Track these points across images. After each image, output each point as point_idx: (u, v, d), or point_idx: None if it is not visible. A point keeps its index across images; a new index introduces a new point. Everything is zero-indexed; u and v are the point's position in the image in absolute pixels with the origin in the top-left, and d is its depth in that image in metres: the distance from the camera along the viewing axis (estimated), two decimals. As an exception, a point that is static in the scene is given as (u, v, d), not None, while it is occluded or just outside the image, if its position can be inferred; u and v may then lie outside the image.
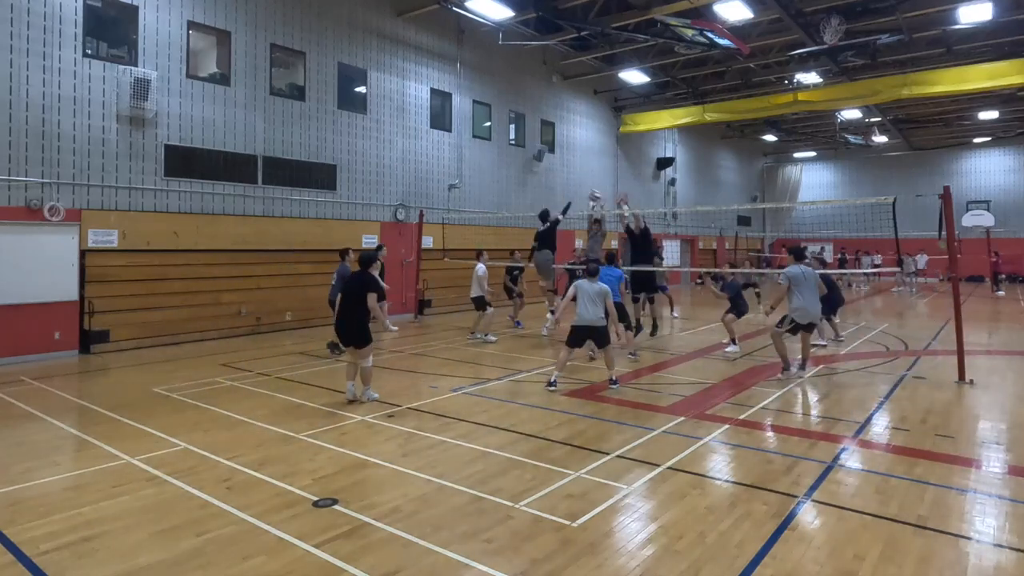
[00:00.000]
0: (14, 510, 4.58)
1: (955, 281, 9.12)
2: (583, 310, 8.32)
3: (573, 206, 14.10)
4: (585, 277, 8.60)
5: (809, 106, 21.93)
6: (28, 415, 7.16)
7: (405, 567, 3.77)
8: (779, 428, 6.65)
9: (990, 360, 10.36)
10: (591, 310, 8.27)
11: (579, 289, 8.42)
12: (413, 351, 11.47)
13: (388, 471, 5.34)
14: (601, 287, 8.40)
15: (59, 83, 10.78)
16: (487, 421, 6.86)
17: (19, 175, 10.42)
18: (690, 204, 29.75)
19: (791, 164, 39.01)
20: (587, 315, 8.29)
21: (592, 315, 8.27)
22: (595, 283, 8.44)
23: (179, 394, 8.12)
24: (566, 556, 3.89)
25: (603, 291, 8.35)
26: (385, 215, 16.38)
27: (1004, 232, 30.90)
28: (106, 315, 11.40)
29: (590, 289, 8.35)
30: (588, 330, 8.37)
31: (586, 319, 8.29)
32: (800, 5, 15.87)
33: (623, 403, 7.61)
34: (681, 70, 22.64)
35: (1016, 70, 17.11)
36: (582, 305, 8.34)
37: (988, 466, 5.55)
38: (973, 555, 3.93)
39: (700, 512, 4.53)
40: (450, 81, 18.11)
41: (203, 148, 12.70)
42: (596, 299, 8.31)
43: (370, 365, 7.64)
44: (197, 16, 12.56)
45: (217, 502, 4.69)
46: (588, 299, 8.31)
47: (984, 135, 32.15)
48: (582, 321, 8.33)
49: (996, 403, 7.82)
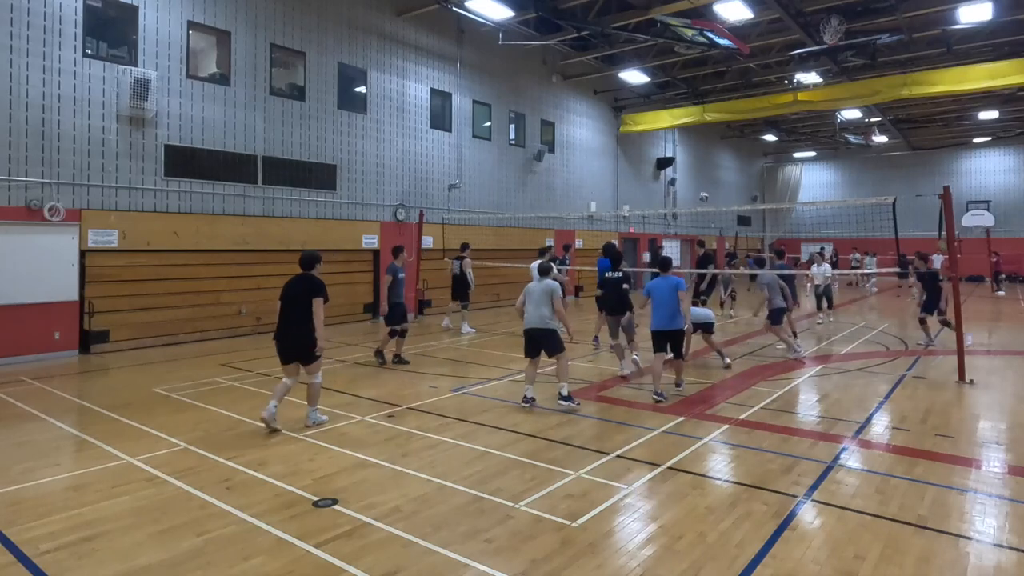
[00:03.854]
0: (14, 510, 4.58)
1: (955, 281, 9.12)
2: (528, 314, 7.42)
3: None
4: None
5: (809, 106, 21.93)
6: (28, 415, 7.16)
7: (405, 567, 3.77)
8: (779, 428, 6.65)
9: (990, 360, 10.35)
10: (535, 313, 7.34)
11: (526, 291, 7.52)
12: (413, 351, 11.47)
13: (388, 471, 5.34)
14: (548, 285, 7.37)
15: (59, 83, 10.78)
16: (487, 421, 6.85)
17: (19, 175, 10.42)
18: (690, 204, 29.77)
19: (791, 164, 39.02)
20: (532, 319, 7.37)
21: (536, 318, 7.33)
22: (543, 281, 7.47)
23: (179, 394, 8.12)
24: (566, 556, 3.89)
25: (549, 289, 7.31)
26: (385, 215, 16.38)
27: (1004, 232, 30.90)
28: (106, 315, 11.41)
29: (536, 289, 7.42)
30: (535, 336, 7.37)
31: (531, 323, 7.38)
32: (800, 5, 15.87)
33: (623, 403, 7.61)
34: (681, 70, 22.64)
35: (1016, 70, 17.11)
36: (528, 308, 7.43)
37: (988, 466, 5.54)
38: (973, 555, 3.93)
39: (700, 512, 4.53)
40: (450, 81, 18.10)
41: (203, 148, 12.70)
42: (542, 300, 7.33)
43: (319, 382, 6.68)
44: (197, 16, 12.56)
45: (217, 502, 4.69)
46: (533, 301, 7.39)
47: (984, 135, 32.15)
48: (528, 325, 7.42)
49: (996, 403, 7.82)
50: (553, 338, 7.33)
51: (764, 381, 8.86)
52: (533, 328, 7.37)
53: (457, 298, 13.95)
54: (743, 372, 9.49)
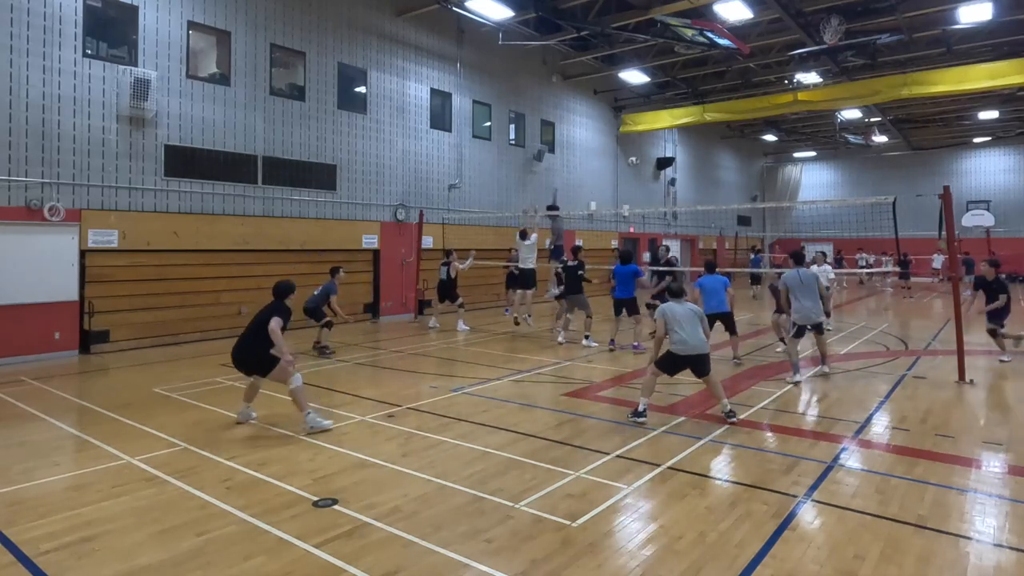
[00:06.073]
0: (14, 510, 4.58)
1: (955, 281, 9.13)
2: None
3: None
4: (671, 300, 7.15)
5: (809, 106, 21.94)
6: (28, 415, 7.16)
7: (405, 567, 3.77)
8: (779, 428, 6.65)
9: (990, 360, 10.35)
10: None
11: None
12: (413, 351, 11.48)
13: (388, 471, 5.34)
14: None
15: (59, 83, 10.78)
16: (487, 421, 6.85)
17: (19, 175, 10.42)
18: (690, 204, 29.77)
19: (791, 164, 39.01)
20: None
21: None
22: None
23: (179, 394, 8.12)
24: (566, 556, 3.89)
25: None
26: (385, 215, 16.38)
27: (1004, 232, 30.91)
28: (106, 315, 11.41)
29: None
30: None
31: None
32: (800, 5, 15.87)
33: (623, 403, 7.60)
34: (681, 70, 22.64)
35: (1016, 70, 17.11)
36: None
37: (988, 466, 5.54)
38: (973, 555, 3.93)
39: (700, 512, 4.53)
40: (450, 81, 18.10)
41: (203, 148, 12.69)
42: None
43: (297, 385, 6.39)
44: (197, 16, 12.55)
45: (217, 502, 4.69)
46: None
47: (984, 135, 32.15)
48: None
49: (996, 403, 7.82)
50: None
51: (764, 381, 8.86)
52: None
53: (445, 300, 14.32)
54: (743, 372, 9.49)
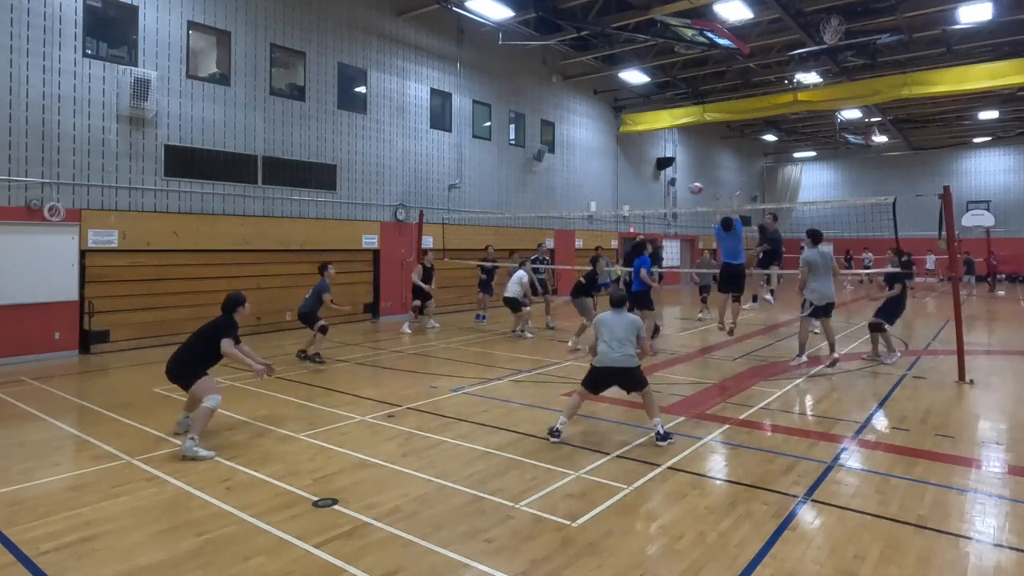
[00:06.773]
0: (14, 510, 4.57)
1: (955, 281, 9.12)
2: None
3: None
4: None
5: (809, 106, 21.94)
6: (28, 415, 7.16)
7: (405, 567, 3.77)
8: (779, 428, 6.65)
9: (990, 360, 10.35)
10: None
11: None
12: (413, 351, 11.48)
13: (388, 471, 5.34)
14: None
15: (59, 83, 10.78)
16: (487, 421, 6.85)
17: (19, 175, 10.42)
18: (690, 204, 29.73)
19: (791, 164, 39.01)
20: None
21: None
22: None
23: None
24: (566, 556, 3.89)
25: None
26: (385, 215, 16.38)
27: (1004, 232, 30.91)
28: (106, 315, 11.41)
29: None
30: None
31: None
32: (800, 5, 15.87)
33: (623, 403, 7.60)
34: (681, 70, 22.64)
35: (1016, 70, 17.12)
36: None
37: (988, 466, 5.54)
38: (973, 555, 3.93)
39: (700, 512, 4.53)
40: (450, 81, 18.10)
41: (203, 148, 12.69)
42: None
43: (208, 406, 5.84)
44: (197, 16, 12.55)
45: (217, 502, 4.69)
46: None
47: (984, 135, 32.15)
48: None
49: (996, 403, 7.82)
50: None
51: (764, 381, 8.86)
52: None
53: (419, 299, 13.91)
54: (743, 372, 9.49)
